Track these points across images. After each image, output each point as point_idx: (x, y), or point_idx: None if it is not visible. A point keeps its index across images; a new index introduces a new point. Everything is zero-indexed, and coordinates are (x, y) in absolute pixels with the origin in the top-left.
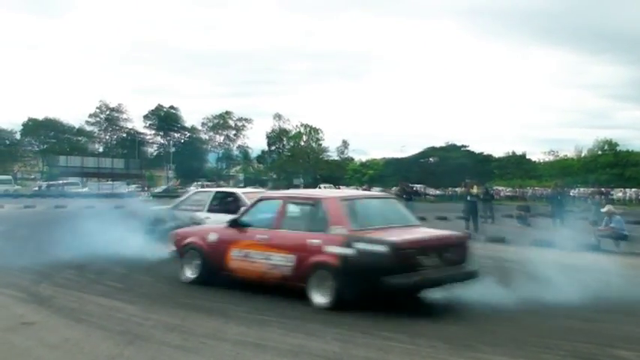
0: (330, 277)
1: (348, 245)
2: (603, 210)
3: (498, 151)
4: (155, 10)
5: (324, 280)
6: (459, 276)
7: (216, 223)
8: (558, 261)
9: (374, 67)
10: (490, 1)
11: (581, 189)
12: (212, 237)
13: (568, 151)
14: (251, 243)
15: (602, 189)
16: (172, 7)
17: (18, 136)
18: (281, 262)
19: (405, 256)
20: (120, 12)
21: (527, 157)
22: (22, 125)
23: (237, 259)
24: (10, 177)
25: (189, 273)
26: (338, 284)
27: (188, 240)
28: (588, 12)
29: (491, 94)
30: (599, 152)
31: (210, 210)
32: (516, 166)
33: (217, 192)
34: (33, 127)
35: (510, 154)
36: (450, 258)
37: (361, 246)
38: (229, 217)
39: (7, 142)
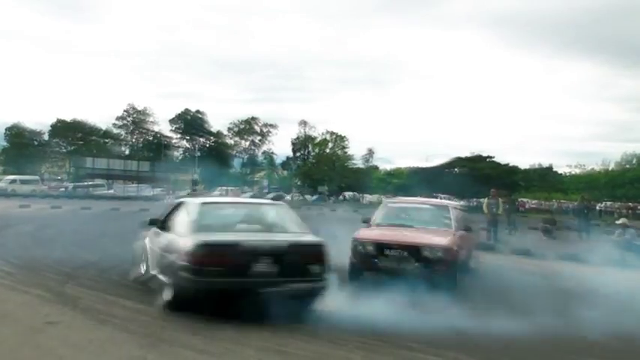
0: None
1: None
2: (618, 222)
3: (524, 162)
4: (182, 16)
5: None
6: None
7: None
8: (581, 275)
9: (400, 76)
10: (517, 12)
11: (608, 203)
12: None
13: (595, 165)
14: None
15: (630, 203)
16: (199, 13)
17: (46, 137)
18: None
19: None
20: (148, 17)
21: (554, 169)
22: (51, 126)
23: None
24: (37, 177)
25: None
26: None
27: None
28: (614, 24)
29: (518, 105)
30: (627, 166)
31: None
32: (542, 179)
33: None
34: (61, 129)
35: (537, 166)
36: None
37: None
38: None
39: (36, 142)
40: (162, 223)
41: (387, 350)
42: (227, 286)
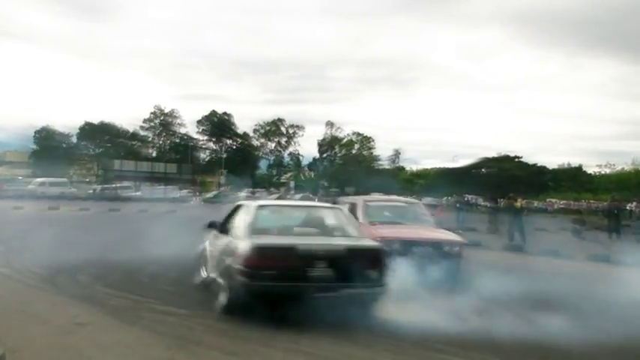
0: None
1: None
2: None
3: (553, 162)
4: (205, 18)
5: None
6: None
7: None
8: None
9: (423, 76)
10: (538, 9)
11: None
12: None
13: (625, 164)
14: None
15: None
16: (222, 15)
17: (74, 140)
18: None
19: None
20: (172, 19)
21: (584, 169)
22: (79, 129)
23: None
24: (66, 179)
25: None
26: None
27: None
28: (638, 22)
29: (544, 104)
30: None
31: None
32: (571, 179)
33: None
34: (89, 131)
35: (565, 166)
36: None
37: None
38: None
39: (64, 145)
40: (222, 226)
41: (414, 352)
42: (282, 290)
